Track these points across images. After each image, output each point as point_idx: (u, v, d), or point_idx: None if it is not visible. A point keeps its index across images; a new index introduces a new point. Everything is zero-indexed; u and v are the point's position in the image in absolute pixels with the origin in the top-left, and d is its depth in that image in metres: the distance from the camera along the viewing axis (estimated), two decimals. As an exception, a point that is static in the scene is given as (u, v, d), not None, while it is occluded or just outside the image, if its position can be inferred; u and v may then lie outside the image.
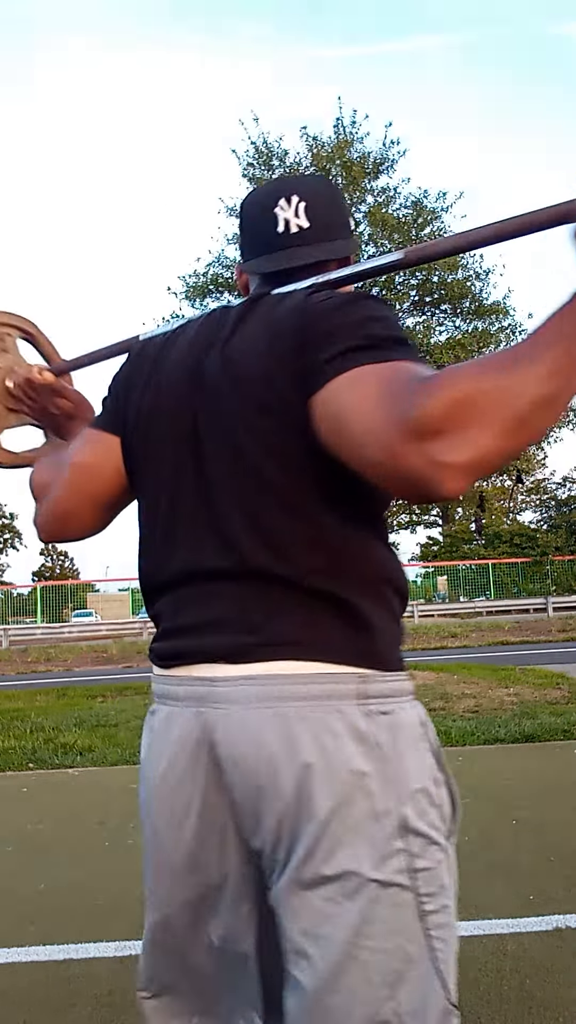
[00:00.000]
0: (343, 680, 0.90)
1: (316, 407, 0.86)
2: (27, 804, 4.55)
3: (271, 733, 0.88)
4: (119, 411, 1.07)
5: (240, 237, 1.15)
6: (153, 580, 1.03)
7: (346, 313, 0.90)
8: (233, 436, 0.94)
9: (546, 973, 2.22)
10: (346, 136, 10.06)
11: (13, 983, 2.32)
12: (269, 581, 0.92)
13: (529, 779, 4.55)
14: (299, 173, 9.66)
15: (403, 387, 0.79)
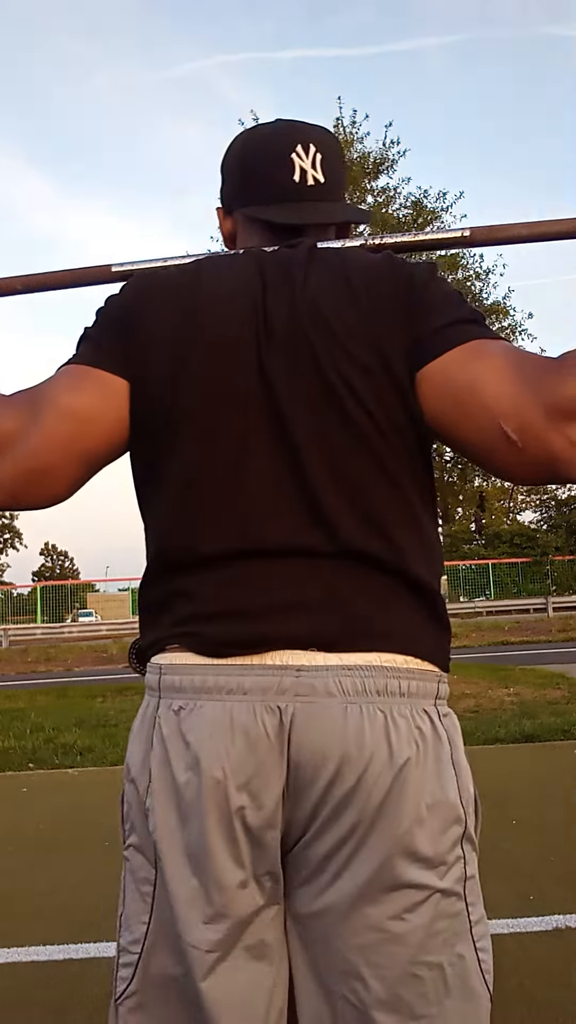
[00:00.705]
0: (430, 678, 0.85)
1: (430, 376, 0.82)
2: (27, 804, 4.55)
3: (370, 731, 0.79)
4: (130, 347, 0.87)
5: (231, 177, 1.02)
6: (190, 552, 0.85)
7: (443, 284, 0.88)
8: (328, 393, 0.83)
9: (546, 973, 2.22)
10: (346, 136, 10.04)
11: (13, 983, 2.32)
12: (368, 563, 0.83)
13: (529, 779, 4.55)
14: None
15: (537, 367, 0.77)
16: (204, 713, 0.82)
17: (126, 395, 0.87)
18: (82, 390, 0.87)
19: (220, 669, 0.82)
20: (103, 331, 0.91)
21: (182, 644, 0.85)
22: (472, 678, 9.58)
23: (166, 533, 0.88)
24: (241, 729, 0.80)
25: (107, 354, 0.88)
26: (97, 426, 0.87)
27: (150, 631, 0.90)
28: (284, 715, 0.79)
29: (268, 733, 0.80)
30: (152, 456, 0.89)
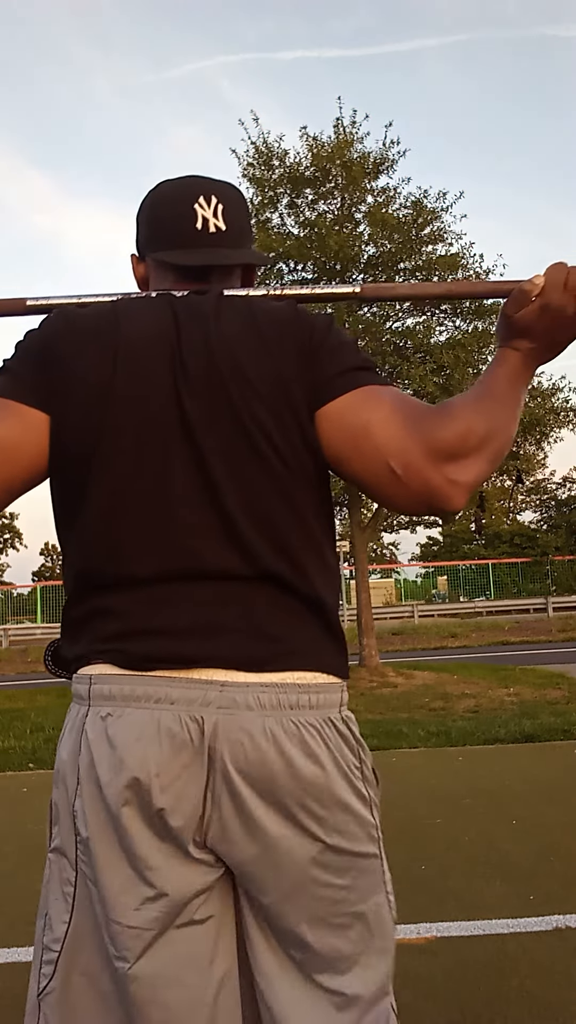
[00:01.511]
0: (334, 690, 0.96)
1: (328, 416, 0.94)
2: (27, 804, 4.55)
3: (294, 750, 0.90)
4: (51, 383, 0.93)
5: (146, 224, 1.09)
6: (115, 573, 0.92)
7: (341, 333, 1.00)
8: (241, 433, 0.92)
9: (546, 973, 2.22)
10: (346, 136, 10.02)
11: (13, 983, 2.32)
12: (278, 585, 0.93)
13: (529, 779, 4.54)
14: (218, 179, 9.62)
15: (420, 414, 0.91)
16: (132, 719, 0.88)
17: (46, 428, 0.94)
18: (3, 421, 0.93)
19: (148, 680, 0.89)
20: (24, 365, 0.96)
21: (108, 659, 0.92)
22: (472, 678, 9.58)
23: (90, 556, 0.94)
24: (167, 734, 0.88)
25: (28, 388, 0.94)
26: (17, 456, 0.93)
27: (74, 645, 0.96)
28: (206, 724, 0.88)
29: (192, 739, 0.88)
30: (73, 486, 0.95)
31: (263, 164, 10.09)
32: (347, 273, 10.04)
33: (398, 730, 6.16)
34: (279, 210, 10.30)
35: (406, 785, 4.52)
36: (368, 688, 9.06)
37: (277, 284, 10.11)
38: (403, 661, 12.18)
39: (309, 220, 10.04)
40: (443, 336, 9.74)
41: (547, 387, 9.52)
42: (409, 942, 2.46)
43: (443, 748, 5.52)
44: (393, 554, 45.16)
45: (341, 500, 10.62)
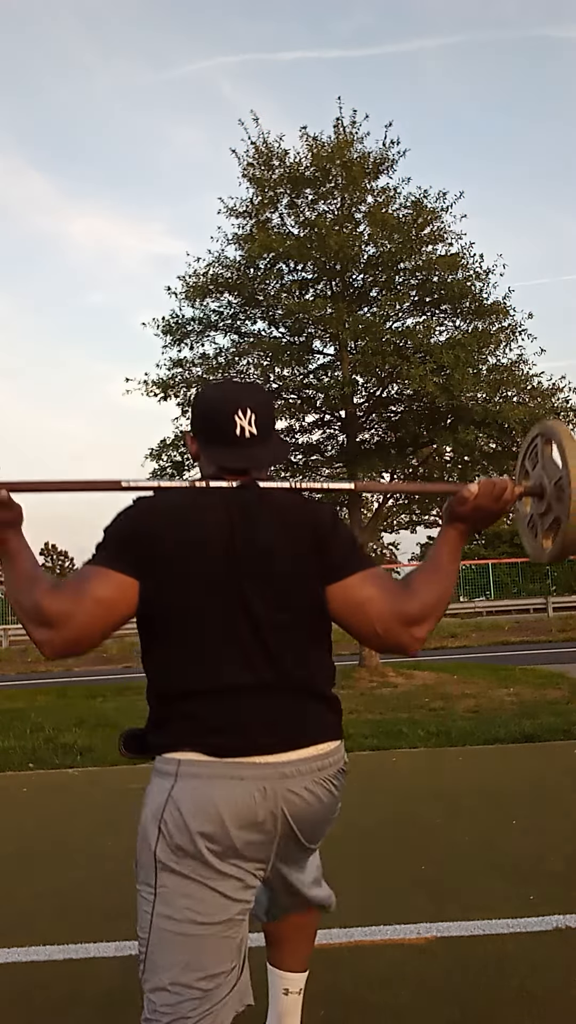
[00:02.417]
0: (339, 748, 1.46)
1: (336, 591, 1.40)
2: (27, 804, 4.55)
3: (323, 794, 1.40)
4: (140, 557, 1.33)
5: (199, 421, 1.50)
6: (191, 687, 1.34)
7: (340, 526, 1.46)
8: (275, 593, 1.37)
9: (546, 973, 2.22)
10: (346, 136, 10.00)
11: (13, 983, 2.32)
12: (302, 690, 1.39)
13: (529, 779, 4.55)
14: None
15: (394, 592, 1.39)
16: (216, 788, 1.30)
17: (136, 589, 1.33)
18: (106, 587, 1.31)
19: (224, 764, 1.31)
20: (117, 542, 1.36)
21: (192, 748, 1.32)
22: (472, 678, 9.58)
23: (171, 676, 1.37)
24: (242, 799, 1.31)
25: (121, 560, 1.33)
26: (115, 610, 1.32)
27: (162, 736, 1.36)
28: (268, 791, 1.33)
29: (258, 801, 1.32)
30: (157, 629, 1.37)
31: (263, 164, 10.08)
32: (347, 273, 10.03)
33: (398, 730, 6.16)
34: (279, 210, 10.28)
35: (406, 785, 4.52)
36: (368, 688, 9.06)
37: (277, 283, 10.08)
38: (403, 661, 12.18)
39: (309, 220, 10.02)
40: (443, 336, 9.73)
41: (547, 387, 9.50)
42: (409, 942, 2.46)
43: (443, 748, 5.52)
44: (393, 554, 45.11)
45: (341, 500, 10.62)
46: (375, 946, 2.44)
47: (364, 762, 5.22)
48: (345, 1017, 2.05)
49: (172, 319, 10.40)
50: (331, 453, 10.60)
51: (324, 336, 10.16)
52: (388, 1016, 2.04)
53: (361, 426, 10.34)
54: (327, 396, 10.01)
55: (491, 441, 9.75)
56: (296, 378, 10.23)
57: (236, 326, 10.46)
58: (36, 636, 1.31)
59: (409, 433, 9.84)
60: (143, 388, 10.19)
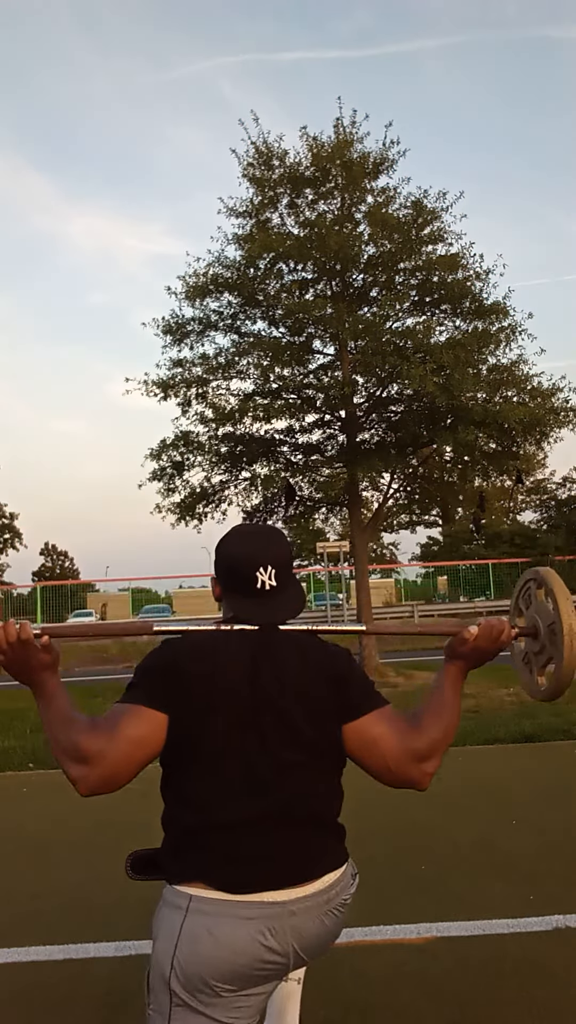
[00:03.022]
0: (348, 873, 1.54)
1: (351, 729, 1.48)
2: (27, 804, 4.55)
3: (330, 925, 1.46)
4: (168, 694, 1.42)
5: (223, 574, 1.61)
6: (206, 820, 1.39)
7: (355, 668, 1.55)
8: (293, 732, 1.44)
9: (546, 973, 2.22)
10: (346, 136, 10.00)
11: (13, 983, 2.32)
12: (319, 825, 1.48)
13: (529, 779, 4.55)
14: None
15: (403, 729, 1.48)
16: (224, 927, 1.35)
17: (166, 724, 1.40)
18: (138, 724, 1.40)
19: (233, 903, 1.36)
20: (149, 682, 1.45)
21: (203, 882, 1.37)
22: (472, 678, 9.54)
23: (188, 808, 1.42)
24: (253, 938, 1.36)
25: (153, 698, 1.42)
26: (147, 746, 1.40)
27: (174, 863, 1.42)
28: (277, 929, 1.37)
29: (268, 938, 1.36)
30: (180, 756, 1.43)
31: (263, 164, 10.08)
32: (347, 273, 10.03)
33: (398, 730, 6.16)
34: (279, 210, 10.29)
35: (406, 785, 4.52)
36: (368, 688, 9.05)
37: (277, 283, 10.09)
38: (403, 661, 12.17)
39: (309, 220, 10.02)
40: (443, 336, 9.73)
41: (547, 387, 9.49)
42: (409, 942, 2.46)
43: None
44: (393, 554, 45.13)
45: (341, 500, 10.62)
46: (375, 946, 2.44)
47: (364, 762, 5.22)
48: (345, 1017, 2.05)
49: (172, 319, 10.41)
50: (331, 453, 10.61)
51: (324, 336, 10.17)
52: (388, 1016, 2.04)
53: (361, 426, 10.34)
54: (327, 396, 10.02)
55: (491, 441, 9.75)
56: (296, 378, 10.24)
57: (236, 326, 10.47)
58: (72, 773, 1.41)
59: (409, 433, 9.84)
60: (143, 388, 10.21)
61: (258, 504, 10.73)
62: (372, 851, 3.32)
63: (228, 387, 10.36)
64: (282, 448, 10.62)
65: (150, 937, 1.40)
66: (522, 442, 9.81)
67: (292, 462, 10.66)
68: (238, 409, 9.86)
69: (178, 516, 10.44)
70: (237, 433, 10.25)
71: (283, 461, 10.67)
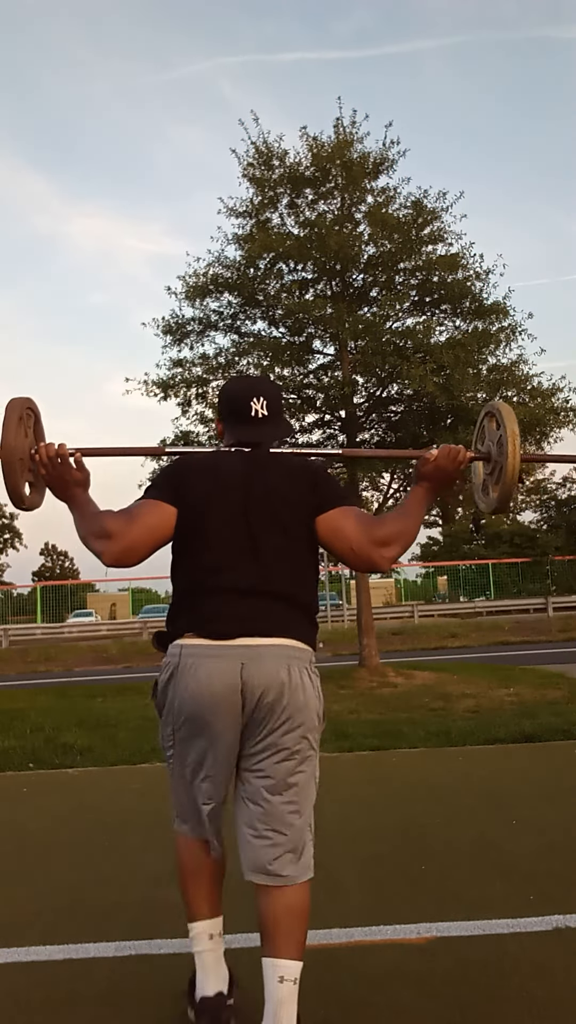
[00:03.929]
0: (307, 653, 1.82)
1: (323, 520, 1.83)
2: (27, 804, 4.55)
3: (281, 670, 1.74)
4: (178, 493, 1.83)
5: (223, 405, 2.01)
6: (207, 585, 1.79)
7: (329, 476, 1.94)
8: (274, 522, 1.81)
9: (546, 973, 2.22)
10: (346, 136, 10.00)
11: (13, 983, 2.32)
12: (287, 599, 1.81)
13: (529, 779, 4.54)
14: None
15: (368, 521, 1.84)
16: (207, 664, 1.73)
17: (174, 516, 1.82)
18: (152, 512, 1.82)
19: (212, 646, 1.75)
20: (163, 482, 1.88)
21: (195, 633, 1.78)
22: (472, 678, 9.57)
23: (189, 578, 1.84)
24: (224, 671, 1.72)
25: (165, 495, 1.84)
26: (160, 529, 1.81)
27: (172, 626, 1.83)
28: (244, 667, 1.73)
29: (235, 673, 1.72)
30: (184, 543, 1.84)
31: (263, 164, 10.08)
32: (347, 273, 10.03)
33: (398, 730, 6.16)
34: (279, 210, 10.28)
35: (406, 785, 4.52)
36: (368, 688, 9.05)
37: (277, 283, 10.08)
38: (403, 661, 12.18)
39: (309, 220, 10.01)
40: (443, 336, 9.73)
41: (547, 387, 9.48)
42: (409, 942, 2.46)
43: (443, 748, 5.52)
44: (393, 554, 44.91)
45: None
46: (375, 946, 2.44)
47: (364, 762, 5.21)
48: (345, 1017, 2.05)
49: (172, 319, 10.40)
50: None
51: (324, 336, 10.16)
52: (388, 1016, 2.04)
53: (361, 426, 10.34)
54: (327, 396, 10.01)
55: (491, 441, 9.73)
56: (296, 378, 10.23)
57: (236, 326, 10.46)
58: (97, 547, 1.77)
59: (409, 433, 9.83)
60: (143, 388, 10.20)
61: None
62: (372, 851, 3.32)
63: (228, 387, 10.35)
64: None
65: (150, 936, 1.43)
66: (522, 442, 9.80)
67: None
68: (238, 409, 9.84)
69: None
70: (237, 433, 10.23)
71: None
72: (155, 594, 37.00)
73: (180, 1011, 2.07)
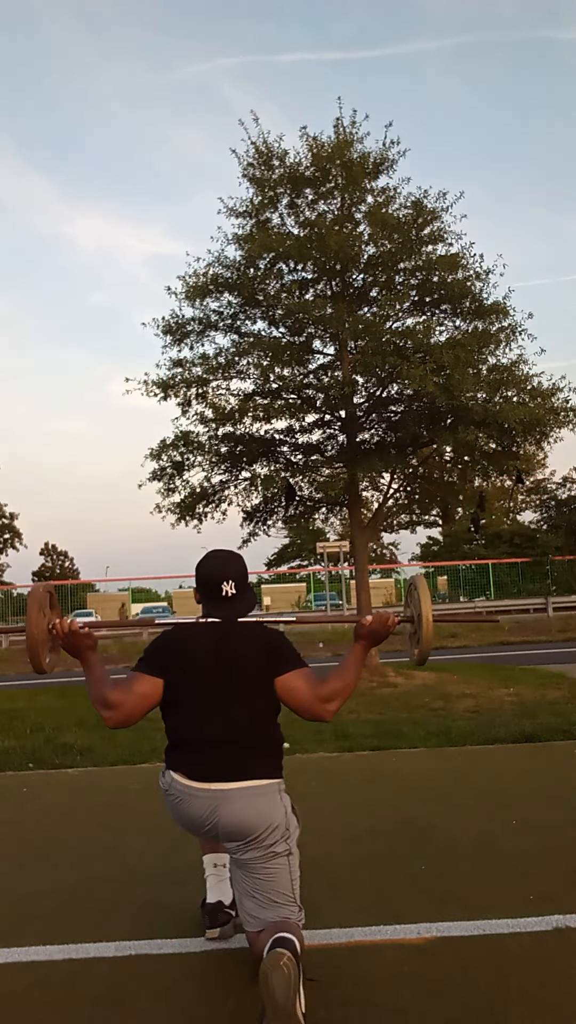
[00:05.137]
0: (275, 784, 2.28)
1: (279, 682, 2.26)
2: (27, 804, 4.55)
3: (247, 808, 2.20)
4: (164, 665, 2.27)
5: (199, 584, 2.41)
6: (192, 738, 2.25)
7: (284, 642, 2.34)
8: (239, 683, 2.26)
9: (546, 973, 2.22)
10: (346, 136, 9.99)
11: (13, 983, 2.32)
12: (251, 745, 2.25)
13: (529, 779, 4.54)
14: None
15: (314, 683, 2.26)
16: (189, 799, 2.25)
17: (162, 684, 2.26)
18: (143, 684, 2.25)
19: (191, 787, 2.23)
20: (152, 658, 2.31)
21: (180, 772, 2.26)
22: (472, 678, 9.57)
23: (177, 732, 2.29)
24: (200, 809, 2.23)
25: (153, 668, 2.28)
26: (149, 698, 2.25)
27: (168, 760, 2.33)
28: (218, 806, 2.20)
29: (209, 811, 2.21)
30: (172, 705, 2.27)
31: (263, 164, 10.07)
32: (347, 273, 10.03)
33: (398, 730, 6.16)
34: (279, 210, 10.28)
35: (406, 785, 4.52)
36: (368, 688, 9.05)
37: (277, 283, 10.08)
38: (403, 661, 12.17)
39: (309, 220, 10.01)
40: (443, 336, 9.72)
41: (547, 387, 9.47)
42: (409, 942, 2.46)
43: (443, 748, 5.52)
44: (393, 554, 45.11)
45: (341, 500, 10.62)
46: (375, 946, 2.44)
47: (364, 762, 5.21)
48: (345, 1017, 2.05)
49: (172, 319, 10.39)
50: (331, 453, 10.60)
51: (324, 336, 10.16)
52: (388, 1016, 2.04)
53: (361, 426, 10.34)
54: (327, 396, 10.00)
55: (491, 441, 9.73)
56: (296, 378, 10.22)
57: (236, 326, 10.45)
58: (103, 713, 2.23)
59: (409, 433, 9.83)
60: (143, 388, 10.19)
61: (258, 504, 10.72)
62: (372, 851, 3.32)
63: (228, 387, 10.33)
64: (282, 448, 10.60)
65: (150, 936, 1.48)
66: (522, 442, 9.79)
67: (292, 462, 10.64)
68: (238, 409, 9.84)
69: (178, 516, 10.43)
70: (237, 433, 10.23)
71: (283, 461, 10.64)
72: (155, 594, 36.99)
73: (180, 1011, 2.07)
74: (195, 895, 2.74)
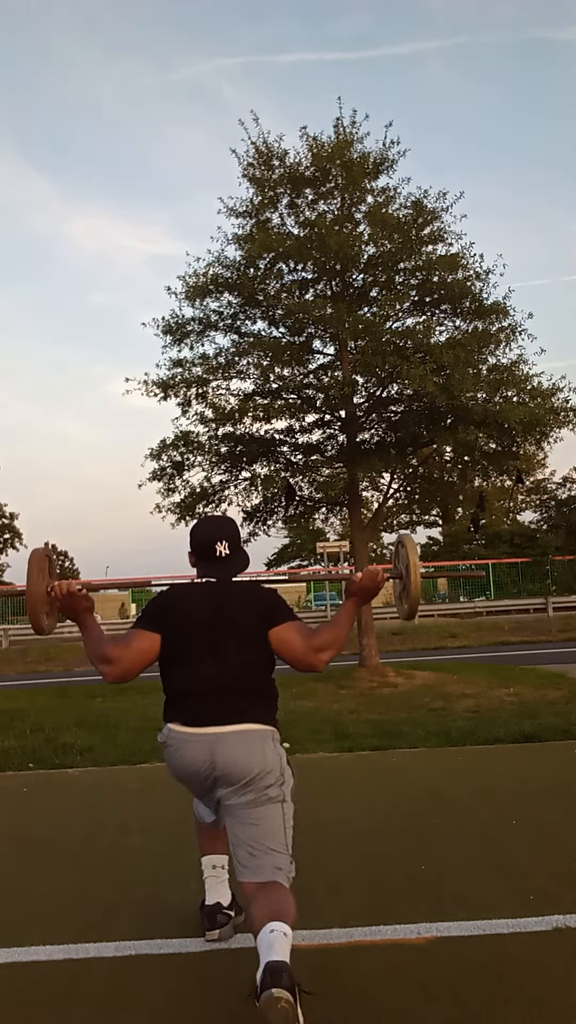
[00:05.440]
0: (269, 731, 2.32)
1: (273, 634, 2.31)
2: (27, 804, 4.55)
3: (240, 749, 2.25)
4: (161, 622, 2.33)
5: (193, 547, 2.48)
6: (187, 687, 2.30)
7: (278, 598, 2.40)
8: (233, 638, 2.31)
9: (546, 973, 2.22)
10: (346, 136, 9.99)
11: (13, 983, 2.32)
12: (244, 694, 2.30)
13: (529, 779, 4.54)
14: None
15: (307, 634, 2.31)
16: (186, 746, 2.29)
17: (159, 640, 2.32)
18: (141, 640, 2.32)
19: (187, 732, 2.28)
20: (151, 614, 2.38)
21: (178, 721, 2.31)
22: (472, 678, 9.57)
23: (173, 683, 2.35)
24: (196, 750, 2.27)
25: (151, 624, 2.35)
26: (148, 653, 2.31)
27: (166, 713, 2.37)
28: (213, 749, 2.25)
29: (206, 755, 2.25)
30: (168, 657, 2.34)
31: (263, 164, 10.07)
32: (347, 273, 10.03)
33: (398, 730, 6.16)
34: (279, 210, 10.28)
35: (406, 785, 4.52)
36: (368, 688, 9.05)
37: (277, 283, 10.08)
38: (403, 661, 12.18)
39: (309, 220, 10.01)
40: (443, 336, 9.72)
41: (547, 387, 9.47)
42: (409, 942, 2.46)
43: (443, 748, 5.52)
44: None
45: (341, 500, 10.62)
46: (375, 946, 2.44)
47: (364, 762, 5.22)
48: (345, 1017, 2.05)
49: (172, 319, 10.39)
50: (331, 453, 10.60)
51: (324, 336, 10.15)
52: (388, 1016, 2.04)
53: (361, 426, 10.33)
54: (327, 396, 10.00)
55: (491, 441, 9.73)
56: (296, 378, 10.22)
57: (236, 326, 10.45)
58: (101, 669, 2.29)
59: (409, 433, 9.83)
60: (143, 388, 10.19)
61: (258, 504, 10.72)
62: (372, 851, 3.32)
63: (228, 387, 10.34)
64: (282, 448, 10.59)
65: (150, 936, 1.45)
66: (522, 442, 9.79)
67: (292, 462, 10.64)
68: (238, 409, 9.84)
69: (178, 516, 10.43)
70: (237, 433, 10.23)
71: (283, 461, 10.64)
72: (155, 594, 36.90)
73: (180, 1011, 2.08)
74: (195, 895, 2.74)
